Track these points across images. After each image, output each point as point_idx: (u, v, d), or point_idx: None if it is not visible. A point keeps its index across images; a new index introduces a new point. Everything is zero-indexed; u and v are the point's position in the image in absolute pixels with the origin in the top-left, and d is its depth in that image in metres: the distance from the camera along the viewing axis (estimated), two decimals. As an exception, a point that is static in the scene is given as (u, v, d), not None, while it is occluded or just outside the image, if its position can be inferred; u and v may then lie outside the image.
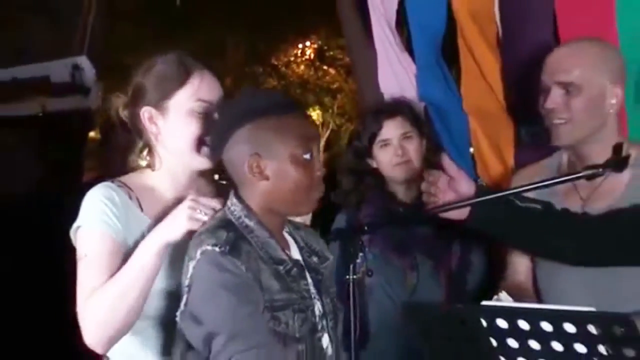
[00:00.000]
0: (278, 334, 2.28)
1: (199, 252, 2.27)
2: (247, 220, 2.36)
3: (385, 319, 3.25)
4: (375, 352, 3.27)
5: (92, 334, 2.50)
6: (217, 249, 2.25)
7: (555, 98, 2.94)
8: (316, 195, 2.43)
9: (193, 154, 2.60)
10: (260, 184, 2.37)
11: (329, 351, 2.45)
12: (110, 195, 2.56)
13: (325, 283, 2.53)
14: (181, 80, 2.61)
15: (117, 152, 2.61)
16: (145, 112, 2.62)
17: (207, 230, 2.34)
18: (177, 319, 2.33)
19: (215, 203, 2.47)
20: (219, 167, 2.61)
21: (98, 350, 2.53)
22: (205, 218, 2.42)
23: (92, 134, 7.61)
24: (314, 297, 2.44)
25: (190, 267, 2.28)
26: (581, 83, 2.92)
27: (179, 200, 2.56)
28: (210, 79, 2.66)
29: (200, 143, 2.58)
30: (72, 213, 2.63)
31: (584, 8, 3.46)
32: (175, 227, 2.44)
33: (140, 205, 2.60)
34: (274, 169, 2.35)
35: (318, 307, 2.44)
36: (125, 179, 2.65)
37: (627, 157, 2.83)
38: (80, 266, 2.54)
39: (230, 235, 2.29)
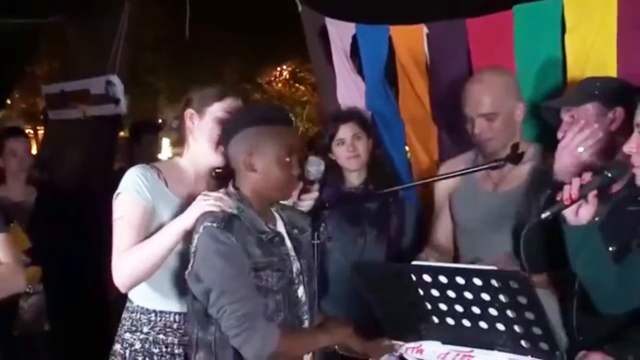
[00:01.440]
0: (260, 287, 2.32)
1: (201, 227, 2.32)
2: (238, 202, 2.39)
3: (340, 273, 3.24)
4: (333, 297, 3.29)
5: (120, 280, 2.56)
6: (214, 224, 2.30)
7: (481, 126, 2.98)
8: (292, 188, 2.53)
9: (211, 151, 2.67)
10: (250, 175, 2.41)
11: (303, 299, 2.49)
12: (145, 173, 2.62)
13: (303, 248, 2.55)
14: (218, 97, 2.70)
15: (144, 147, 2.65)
16: (189, 112, 2.71)
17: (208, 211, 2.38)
18: (186, 277, 2.36)
19: (220, 194, 2.47)
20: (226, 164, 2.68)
21: (123, 290, 2.61)
22: (214, 203, 2.41)
23: (121, 133, 7.56)
24: (293, 259, 2.48)
25: (195, 238, 2.34)
26: (497, 110, 2.95)
27: (197, 179, 2.68)
28: (239, 103, 2.73)
29: (218, 144, 2.63)
30: (106, 190, 2.65)
31: (489, 46, 3.46)
32: (191, 216, 2.45)
33: (166, 183, 2.65)
34: (261, 165, 2.39)
35: (296, 266, 2.48)
36: (156, 163, 2.75)
37: (522, 154, 2.87)
38: (117, 225, 2.60)
39: (225, 214, 2.33)
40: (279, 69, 21.28)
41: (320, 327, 2.54)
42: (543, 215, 2.25)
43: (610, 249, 2.40)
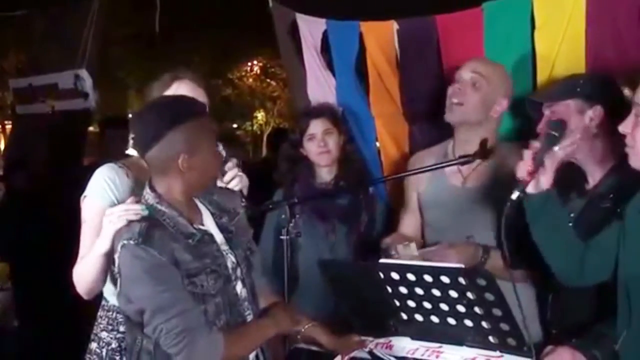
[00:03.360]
0: (197, 294, 2.20)
1: (119, 246, 2.19)
2: (158, 206, 2.25)
3: (311, 268, 3.22)
4: (302, 293, 3.30)
5: (77, 287, 2.55)
6: (132, 242, 2.16)
7: (463, 83, 2.99)
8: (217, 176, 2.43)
9: None
10: (185, 175, 2.25)
11: (243, 294, 2.37)
12: (112, 175, 2.58)
13: (236, 237, 2.43)
14: (167, 83, 2.67)
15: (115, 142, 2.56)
16: None
17: (127, 228, 2.24)
18: (116, 299, 2.30)
19: (124, 205, 2.31)
20: None
21: (84, 296, 2.57)
22: (118, 218, 2.27)
23: (90, 128, 7.50)
24: (227, 253, 2.36)
25: (116, 258, 2.22)
26: (484, 84, 2.97)
27: None
28: (189, 84, 2.70)
29: None
30: (75, 186, 2.61)
31: (459, 42, 3.47)
32: (104, 239, 2.34)
33: (135, 181, 2.58)
34: (201, 162, 2.25)
35: (231, 261, 2.36)
36: (125, 161, 2.65)
37: (491, 149, 2.89)
38: (82, 229, 2.56)
39: (143, 227, 2.19)
40: (249, 64, 21.29)
41: (263, 317, 2.44)
42: (514, 197, 2.26)
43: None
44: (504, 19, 3.33)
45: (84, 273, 2.50)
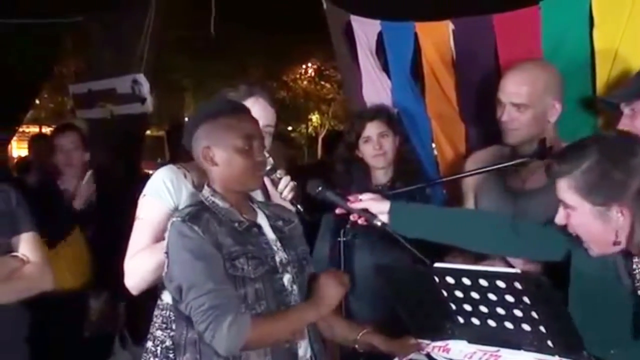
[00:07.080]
0: (237, 277, 2.26)
1: (169, 224, 2.31)
2: (212, 198, 2.38)
3: (366, 270, 3.24)
4: (358, 294, 3.30)
5: (130, 281, 2.61)
6: (179, 219, 2.27)
7: (510, 113, 2.94)
8: (259, 174, 2.45)
9: None
10: (213, 169, 2.39)
11: (290, 288, 2.40)
12: (171, 176, 2.65)
13: (290, 240, 2.49)
14: (243, 97, 2.74)
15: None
16: None
17: (181, 208, 2.45)
18: (163, 278, 2.35)
19: None
20: None
21: (133, 292, 2.63)
22: None
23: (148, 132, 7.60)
24: (277, 249, 2.42)
25: (166, 236, 2.32)
26: (529, 103, 2.90)
27: None
28: (262, 103, 2.77)
29: None
30: (134, 186, 2.66)
31: (516, 42, 3.44)
32: None
33: (193, 182, 2.66)
34: (221, 157, 2.37)
35: (280, 256, 2.41)
36: (185, 164, 2.71)
37: (550, 148, 2.84)
38: (136, 225, 2.63)
39: (193, 209, 2.33)
40: (304, 66, 21.38)
41: (304, 302, 2.42)
42: None
43: None
44: (562, 16, 3.29)
45: (142, 269, 2.55)
